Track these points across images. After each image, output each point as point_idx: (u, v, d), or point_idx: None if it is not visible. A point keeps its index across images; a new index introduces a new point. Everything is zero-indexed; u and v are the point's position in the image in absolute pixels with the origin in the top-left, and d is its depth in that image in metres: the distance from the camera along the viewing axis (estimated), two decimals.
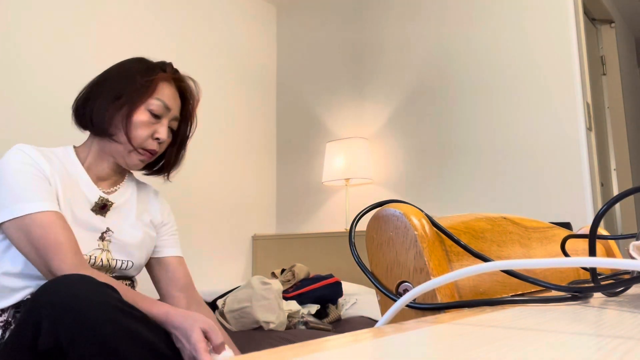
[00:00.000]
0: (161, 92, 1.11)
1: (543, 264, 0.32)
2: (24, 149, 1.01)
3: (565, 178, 2.35)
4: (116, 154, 1.10)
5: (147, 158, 1.12)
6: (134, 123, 1.07)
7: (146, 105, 1.08)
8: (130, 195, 1.18)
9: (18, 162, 0.98)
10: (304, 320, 1.89)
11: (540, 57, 2.47)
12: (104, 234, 1.08)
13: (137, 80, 1.09)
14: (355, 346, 0.24)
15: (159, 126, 1.11)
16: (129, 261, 1.11)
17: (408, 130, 2.86)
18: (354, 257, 0.47)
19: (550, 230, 0.71)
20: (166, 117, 1.12)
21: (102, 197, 1.10)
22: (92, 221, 1.06)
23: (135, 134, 1.07)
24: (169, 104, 1.12)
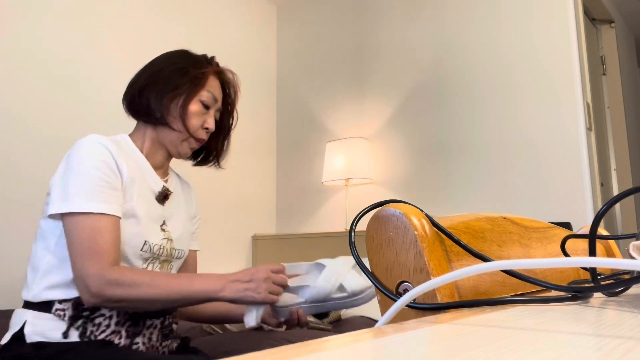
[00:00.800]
0: (210, 84, 1.16)
1: (543, 264, 0.32)
2: (102, 141, 1.01)
3: (565, 178, 2.35)
4: (169, 142, 1.13)
5: (197, 146, 1.17)
6: (189, 113, 1.12)
7: (199, 97, 1.13)
8: (176, 185, 1.22)
9: (94, 154, 0.98)
10: None
11: (541, 57, 2.47)
12: (162, 226, 1.11)
13: (191, 72, 1.13)
14: (355, 346, 0.24)
15: (208, 117, 1.16)
16: (183, 250, 1.16)
17: (408, 130, 2.86)
18: (354, 257, 0.47)
19: (550, 230, 0.71)
20: (214, 108, 1.17)
21: (165, 187, 1.13)
22: (157, 211, 1.10)
23: (190, 123, 1.12)
24: (217, 95, 1.18)
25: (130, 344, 0.99)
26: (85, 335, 0.95)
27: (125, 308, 0.95)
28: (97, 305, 0.93)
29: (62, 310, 0.95)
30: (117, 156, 1.02)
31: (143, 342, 1.02)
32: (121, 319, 0.99)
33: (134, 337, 1.00)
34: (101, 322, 0.97)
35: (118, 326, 0.98)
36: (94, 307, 0.95)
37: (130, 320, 1.00)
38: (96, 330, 0.96)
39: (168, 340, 1.10)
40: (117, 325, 0.98)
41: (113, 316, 0.97)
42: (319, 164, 3.16)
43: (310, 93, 3.30)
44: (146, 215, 1.05)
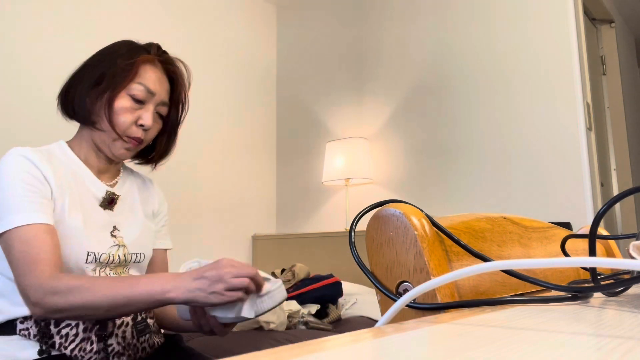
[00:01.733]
0: (144, 76, 1.04)
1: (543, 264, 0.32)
2: (24, 152, 0.95)
3: (565, 178, 2.35)
4: (101, 143, 1.04)
5: (133, 146, 1.05)
6: (116, 109, 1.01)
7: (127, 90, 1.02)
8: (130, 186, 1.14)
9: (16, 167, 0.93)
10: (304, 320, 1.89)
11: (541, 57, 2.47)
12: (112, 232, 1.04)
13: (118, 63, 1.02)
14: (355, 346, 0.24)
15: (143, 112, 1.04)
16: (142, 254, 1.08)
17: (408, 130, 2.86)
18: (354, 257, 0.47)
19: (550, 230, 0.71)
20: (151, 102, 1.05)
21: (109, 191, 1.06)
22: (103, 218, 1.03)
23: (117, 120, 1.01)
24: (153, 88, 1.04)
25: (104, 346, 0.95)
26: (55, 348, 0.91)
27: (70, 318, 0.89)
28: (42, 317, 0.89)
29: (27, 330, 0.92)
30: (42, 165, 0.95)
31: (118, 342, 0.97)
32: (88, 325, 0.94)
33: (106, 340, 0.95)
34: (68, 333, 0.92)
35: (86, 332, 0.94)
36: (57, 320, 0.92)
37: (98, 324, 0.95)
38: (65, 341, 0.92)
39: (145, 335, 1.04)
40: (85, 331, 0.94)
41: (79, 324, 0.93)
42: (319, 164, 3.16)
43: (310, 93, 3.30)
44: (87, 225, 0.98)
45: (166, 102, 1.08)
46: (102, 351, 0.94)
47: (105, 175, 1.09)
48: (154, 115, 1.06)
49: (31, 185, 0.92)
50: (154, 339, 1.07)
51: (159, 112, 1.08)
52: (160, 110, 1.08)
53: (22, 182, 0.92)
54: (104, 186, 1.06)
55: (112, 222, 1.04)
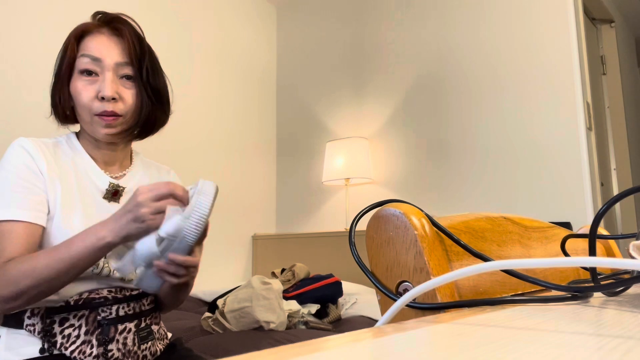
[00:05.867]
0: (85, 47, 0.98)
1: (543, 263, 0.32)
2: (24, 144, 0.95)
3: (565, 178, 2.35)
4: (89, 132, 1.00)
5: (112, 121, 0.97)
6: (73, 92, 0.97)
7: (76, 69, 0.97)
8: (140, 177, 1.10)
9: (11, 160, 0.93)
10: (304, 320, 1.89)
11: (541, 56, 2.47)
12: None
13: (62, 50, 1.00)
14: (355, 346, 0.24)
15: (100, 82, 0.96)
16: None
17: (408, 129, 2.86)
18: (354, 257, 0.47)
19: (550, 230, 0.71)
20: (105, 69, 0.97)
21: (112, 183, 1.03)
22: (106, 210, 1.00)
23: (79, 101, 0.97)
24: (98, 54, 0.97)
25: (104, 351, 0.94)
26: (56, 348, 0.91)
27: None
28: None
29: (32, 325, 0.92)
30: (38, 157, 0.94)
31: (118, 349, 0.96)
32: (90, 328, 0.94)
33: (106, 345, 0.94)
34: (70, 333, 0.92)
35: (88, 335, 0.93)
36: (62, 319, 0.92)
37: (100, 328, 0.94)
38: (66, 342, 0.91)
39: (147, 342, 1.02)
40: (87, 334, 0.93)
41: (82, 325, 0.93)
42: (319, 164, 3.16)
43: (310, 93, 3.30)
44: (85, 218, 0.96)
45: (124, 61, 0.98)
46: (102, 356, 0.93)
47: (113, 167, 1.06)
48: (120, 82, 0.98)
49: (24, 180, 0.92)
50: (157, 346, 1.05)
51: (124, 74, 0.99)
52: (123, 72, 0.99)
53: (15, 176, 0.92)
54: (108, 178, 1.03)
55: None
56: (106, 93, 0.95)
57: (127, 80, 0.99)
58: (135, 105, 1.00)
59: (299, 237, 2.96)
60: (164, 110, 1.07)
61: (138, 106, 1.01)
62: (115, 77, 0.98)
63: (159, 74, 1.05)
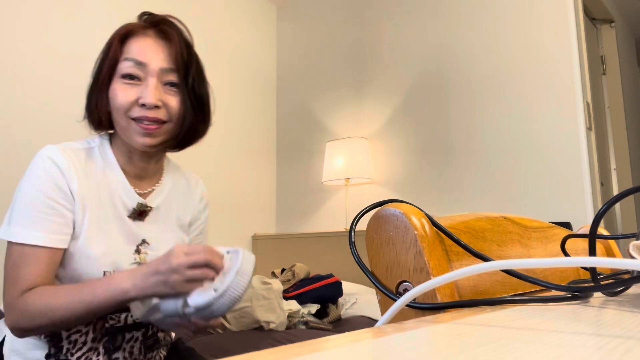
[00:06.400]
0: (128, 50, 0.92)
1: (543, 263, 0.32)
2: (55, 157, 0.87)
3: (565, 178, 2.35)
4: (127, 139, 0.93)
5: (151, 130, 0.90)
6: (111, 94, 0.91)
7: (117, 73, 0.91)
8: (169, 192, 1.04)
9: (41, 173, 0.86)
10: (304, 320, 1.89)
11: (541, 56, 2.47)
12: (140, 246, 0.96)
13: (104, 51, 0.94)
14: (355, 346, 0.24)
15: (143, 88, 0.90)
16: None
17: (408, 129, 2.86)
18: (354, 257, 0.47)
19: (550, 230, 0.71)
20: (149, 74, 0.91)
21: (141, 204, 0.96)
22: (129, 231, 0.95)
23: (115, 103, 0.90)
24: (142, 58, 0.91)
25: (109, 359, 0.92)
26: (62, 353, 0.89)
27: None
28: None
29: None
30: (70, 173, 0.88)
31: (124, 357, 0.94)
32: (97, 335, 0.92)
33: (112, 353, 0.92)
34: (77, 339, 0.90)
35: (95, 342, 0.91)
36: None
37: (108, 336, 0.93)
38: (72, 348, 0.89)
39: (153, 351, 1.00)
40: (94, 341, 0.91)
41: (89, 332, 0.91)
42: (319, 163, 3.16)
43: (310, 93, 3.30)
44: (109, 240, 0.91)
45: (170, 67, 0.93)
46: None
47: (143, 182, 1.00)
48: (163, 89, 0.92)
49: (52, 200, 0.86)
50: (162, 353, 1.04)
51: (169, 81, 0.93)
52: (168, 78, 0.93)
53: (42, 195, 0.86)
54: (136, 196, 0.97)
55: (140, 235, 0.96)
56: (148, 100, 0.89)
57: (172, 87, 0.93)
58: (179, 113, 0.94)
59: (299, 237, 2.96)
60: (205, 121, 1.01)
61: (182, 115, 0.94)
62: (159, 83, 0.92)
63: (204, 83, 1.00)
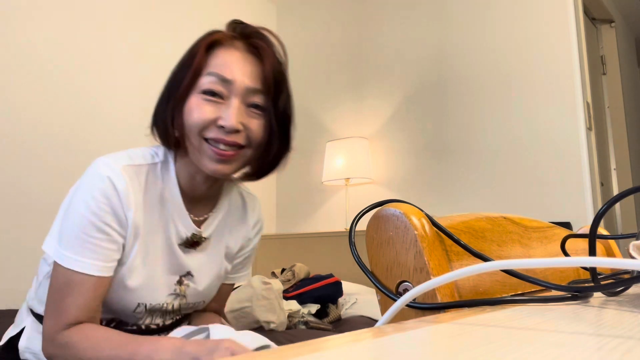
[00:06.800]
0: (213, 63, 0.81)
1: (543, 263, 0.32)
2: (113, 175, 0.79)
3: (565, 178, 2.35)
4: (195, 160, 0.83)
5: (228, 156, 0.80)
6: (186, 111, 0.80)
7: (197, 88, 0.80)
8: (222, 218, 0.95)
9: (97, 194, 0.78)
10: (304, 320, 1.89)
11: (540, 56, 2.47)
12: (183, 277, 0.90)
13: (185, 60, 0.83)
14: (355, 346, 0.24)
15: (224, 107, 0.80)
16: (200, 302, 0.96)
17: (408, 129, 2.86)
18: (354, 257, 0.47)
19: (550, 230, 0.71)
20: (233, 93, 0.80)
21: (196, 234, 0.89)
22: (176, 261, 0.88)
23: (189, 119, 0.79)
24: (229, 74, 0.80)
25: None
26: None
27: None
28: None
29: None
30: (127, 197, 0.80)
31: None
32: None
33: None
34: None
35: None
36: None
37: None
38: None
39: None
40: None
41: None
42: (319, 163, 3.16)
43: (310, 93, 3.30)
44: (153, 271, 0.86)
45: (257, 88, 0.82)
46: None
47: (199, 206, 0.91)
48: (246, 111, 0.82)
49: (105, 224, 0.79)
50: None
51: (253, 102, 0.83)
52: (253, 100, 0.82)
53: (97, 218, 0.78)
54: (192, 225, 0.89)
55: (186, 266, 0.90)
56: (229, 122, 0.78)
57: (255, 110, 0.83)
58: (260, 139, 0.84)
59: (299, 237, 2.96)
60: (288, 149, 0.91)
61: (263, 141, 0.85)
62: (243, 104, 0.82)
63: (291, 107, 0.89)
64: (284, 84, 0.87)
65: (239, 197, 1.01)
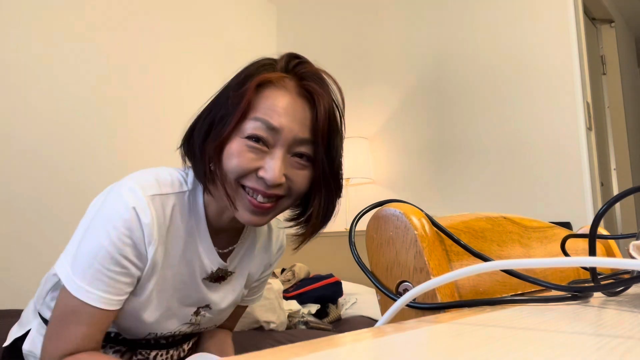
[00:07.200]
0: (261, 107, 0.73)
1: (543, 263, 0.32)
2: (140, 208, 0.73)
3: (565, 178, 2.35)
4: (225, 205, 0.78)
5: (265, 209, 0.74)
6: (226, 154, 0.74)
7: (240, 133, 0.73)
8: (247, 250, 0.91)
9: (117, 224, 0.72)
10: (304, 320, 1.89)
11: (540, 56, 2.47)
12: (201, 309, 0.86)
13: (230, 96, 0.75)
14: (355, 346, 0.24)
15: (267, 157, 0.73)
16: (213, 325, 0.94)
17: (408, 129, 2.86)
18: (354, 257, 0.47)
19: (550, 230, 0.71)
20: (279, 142, 0.73)
21: (222, 269, 0.84)
22: (196, 295, 0.84)
23: (229, 162, 0.73)
24: (277, 122, 0.72)
25: None
26: None
27: None
28: None
29: None
30: (150, 231, 0.74)
31: None
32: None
33: None
34: None
35: None
36: None
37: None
38: None
39: None
40: None
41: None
42: None
43: None
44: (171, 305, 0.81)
45: (306, 138, 0.74)
46: None
47: (224, 236, 0.85)
48: (290, 160, 0.75)
49: (123, 257, 0.73)
50: None
51: (300, 153, 0.75)
52: (300, 150, 0.75)
53: (115, 250, 0.72)
54: (218, 259, 0.83)
55: (206, 299, 0.86)
56: (271, 176, 0.71)
57: (301, 159, 0.76)
58: (301, 190, 0.78)
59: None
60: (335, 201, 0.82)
61: (306, 191, 0.79)
62: (288, 154, 0.74)
63: (341, 155, 0.81)
64: (337, 132, 0.79)
65: (263, 233, 0.95)
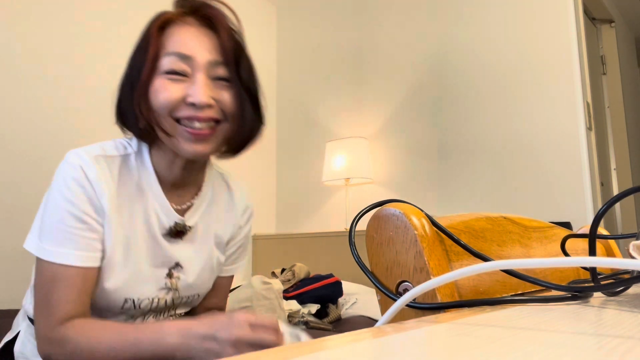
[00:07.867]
0: (169, 42, 0.79)
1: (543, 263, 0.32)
2: (85, 166, 0.77)
3: (565, 178, 2.35)
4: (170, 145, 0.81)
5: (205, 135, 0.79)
6: (152, 94, 0.78)
7: (158, 70, 0.78)
8: (207, 206, 0.93)
9: (70, 183, 0.77)
10: (304, 320, 1.89)
11: (540, 56, 2.47)
12: (172, 269, 0.87)
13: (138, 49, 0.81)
14: (355, 346, 0.24)
15: (190, 84, 0.78)
16: (196, 295, 0.93)
17: (408, 129, 2.86)
18: (354, 257, 0.47)
19: (550, 230, 0.71)
20: (197, 69, 0.79)
21: (179, 223, 0.86)
22: (163, 253, 0.86)
23: (157, 102, 0.77)
24: (187, 50, 0.78)
25: None
26: None
27: None
28: None
29: None
30: (100, 185, 0.78)
31: None
32: None
33: None
34: None
35: None
36: None
37: None
38: None
39: None
40: None
41: None
42: (319, 163, 3.16)
43: (310, 93, 3.30)
44: (137, 265, 0.83)
45: (218, 60, 0.80)
46: None
47: (181, 192, 0.89)
48: (213, 84, 0.80)
49: (83, 213, 0.77)
50: None
51: (218, 75, 0.81)
52: (217, 73, 0.81)
53: (74, 207, 0.76)
54: (174, 214, 0.86)
55: (174, 257, 0.87)
56: (198, 98, 0.77)
57: (222, 82, 0.81)
58: (236, 110, 0.82)
59: (299, 237, 2.96)
60: (261, 119, 0.87)
61: (239, 112, 0.82)
62: (208, 79, 0.80)
63: (255, 75, 0.87)
64: (243, 52, 0.85)
65: (223, 183, 0.99)
